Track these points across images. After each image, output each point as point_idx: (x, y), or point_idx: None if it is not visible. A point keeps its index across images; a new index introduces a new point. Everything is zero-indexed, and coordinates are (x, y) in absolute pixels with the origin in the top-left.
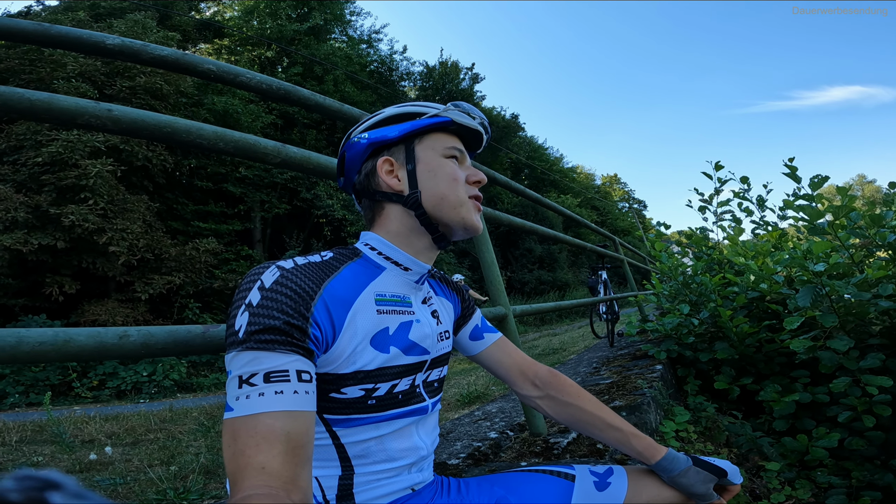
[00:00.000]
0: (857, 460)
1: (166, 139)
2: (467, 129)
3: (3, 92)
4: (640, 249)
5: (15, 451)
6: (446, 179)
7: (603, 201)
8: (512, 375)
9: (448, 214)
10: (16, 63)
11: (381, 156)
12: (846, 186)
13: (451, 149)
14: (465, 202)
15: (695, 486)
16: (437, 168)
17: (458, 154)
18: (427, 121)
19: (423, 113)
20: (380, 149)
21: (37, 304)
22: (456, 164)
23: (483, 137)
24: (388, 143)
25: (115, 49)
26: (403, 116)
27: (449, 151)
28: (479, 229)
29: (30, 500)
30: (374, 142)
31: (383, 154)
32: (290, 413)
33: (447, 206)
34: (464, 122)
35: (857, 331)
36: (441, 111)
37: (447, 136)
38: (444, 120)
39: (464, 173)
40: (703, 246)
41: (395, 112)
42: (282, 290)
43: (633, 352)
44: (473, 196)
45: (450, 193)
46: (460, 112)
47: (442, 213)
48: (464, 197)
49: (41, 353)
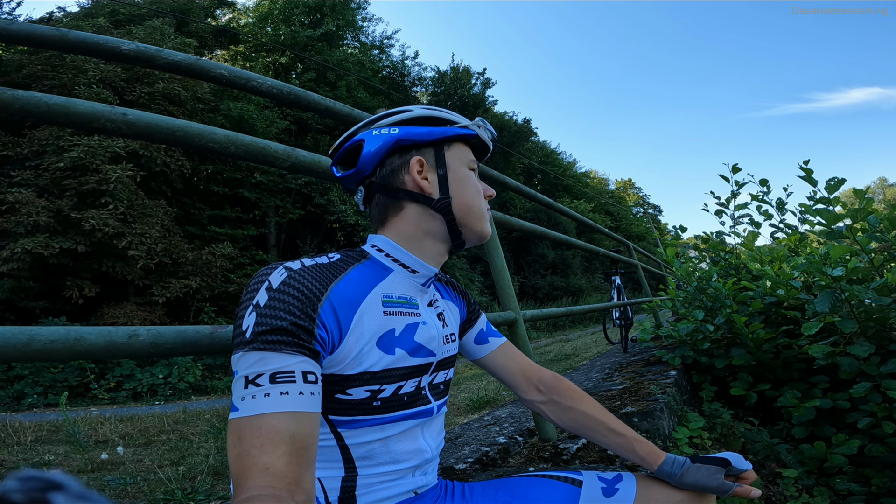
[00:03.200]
0: (877, 467)
1: (179, 143)
2: (481, 144)
3: (22, 96)
4: (655, 255)
5: (29, 451)
6: (473, 191)
7: (617, 206)
8: (516, 380)
9: (473, 224)
10: (38, 69)
11: (409, 154)
12: (864, 189)
13: (473, 161)
14: (485, 214)
15: (703, 481)
16: (466, 178)
17: (476, 168)
18: (459, 130)
19: (454, 122)
20: (408, 147)
21: (57, 307)
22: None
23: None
24: (418, 143)
25: (130, 54)
26: (434, 120)
27: (472, 164)
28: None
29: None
30: (404, 138)
31: (412, 153)
32: (295, 414)
33: (473, 216)
34: (486, 139)
35: (877, 336)
36: (470, 124)
37: (467, 149)
38: (471, 133)
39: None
40: (719, 250)
41: (426, 114)
42: (289, 291)
43: (647, 358)
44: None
45: (475, 205)
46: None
47: (468, 222)
48: (485, 209)
49: (52, 350)
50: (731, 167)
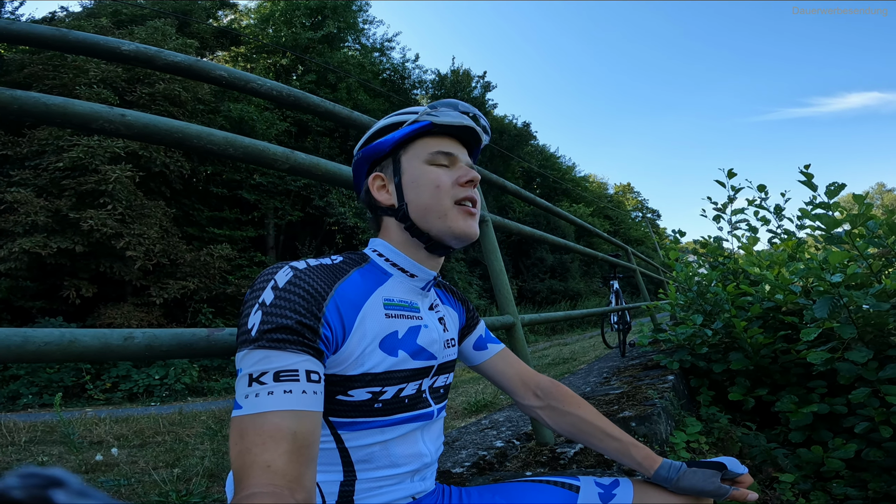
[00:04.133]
0: (875, 471)
1: (177, 144)
2: (457, 127)
3: (21, 97)
4: (653, 259)
5: (23, 451)
6: (428, 188)
7: (616, 210)
8: (513, 385)
9: (435, 225)
10: (40, 69)
11: (374, 171)
12: (863, 195)
13: (436, 154)
14: (448, 210)
15: (700, 485)
16: (420, 177)
17: (446, 157)
18: (406, 129)
19: (405, 121)
20: (371, 164)
21: (54, 307)
22: (441, 169)
23: (477, 132)
24: (378, 157)
25: (130, 55)
26: (390, 127)
27: (433, 157)
28: (472, 236)
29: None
30: (365, 158)
31: (375, 169)
32: (298, 412)
33: (432, 217)
34: (445, 122)
35: (875, 342)
36: (420, 114)
37: (434, 140)
38: (423, 125)
39: (453, 176)
40: (718, 255)
41: (383, 124)
42: (295, 290)
43: (645, 362)
44: (463, 199)
45: (433, 203)
46: (442, 110)
47: (429, 224)
48: (447, 205)
49: (46, 352)
50: (726, 172)
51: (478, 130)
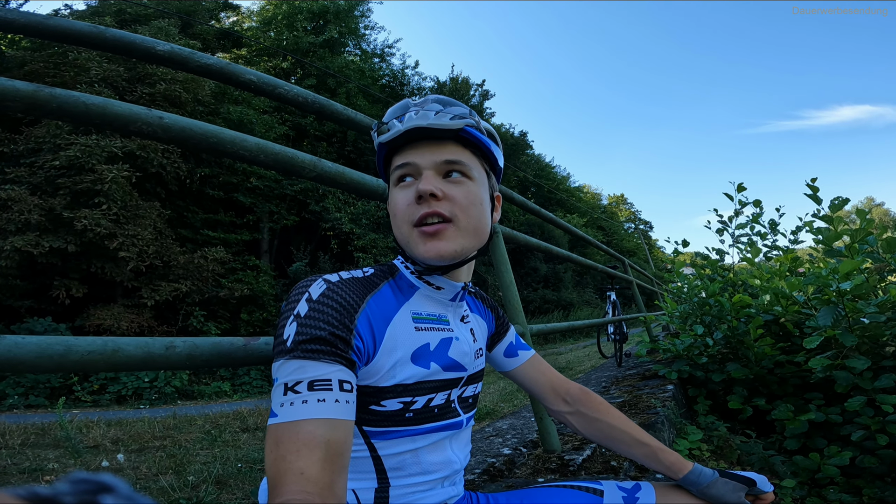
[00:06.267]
0: (869, 478)
1: (211, 149)
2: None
3: (59, 95)
4: (646, 269)
5: (19, 455)
6: (394, 218)
7: (609, 221)
8: (545, 392)
9: (412, 251)
10: (40, 66)
11: None
12: (864, 210)
13: (397, 169)
14: (409, 236)
15: (726, 496)
16: (390, 205)
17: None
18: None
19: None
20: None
21: (43, 307)
22: (403, 188)
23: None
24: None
25: (164, 56)
26: None
27: (396, 176)
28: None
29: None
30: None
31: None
32: (331, 421)
33: (404, 246)
34: (387, 140)
35: (871, 352)
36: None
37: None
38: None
39: (409, 196)
40: (717, 268)
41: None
42: (328, 303)
43: (643, 372)
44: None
45: (398, 234)
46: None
47: (407, 249)
48: (407, 233)
49: (90, 361)
50: (735, 186)
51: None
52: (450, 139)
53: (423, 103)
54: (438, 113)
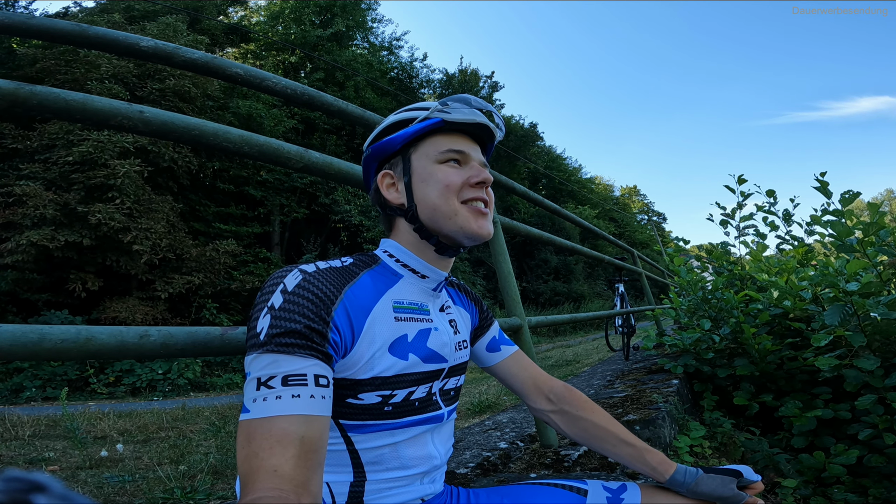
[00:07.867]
0: (875, 477)
1: (194, 141)
2: (470, 124)
3: (40, 92)
4: (658, 263)
5: (27, 446)
6: (437, 188)
7: (621, 213)
8: (526, 389)
9: (445, 225)
10: (52, 63)
11: (383, 168)
12: (877, 202)
13: (448, 151)
14: (458, 211)
15: (718, 490)
16: (429, 177)
17: (458, 155)
18: (417, 127)
19: (415, 118)
20: (381, 162)
21: (60, 300)
22: (452, 167)
23: (491, 128)
24: (388, 155)
25: (148, 51)
26: (400, 124)
27: (444, 156)
28: (485, 235)
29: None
30: (375, 155)
31: (385, 167)
32: (306, 417)
33: (441, 218)
34: (457, 120)
35: (882, 350)
36: (432, 110)
37: (445, 138)
38: (434, 122)
39: (464, 175)
40: (723, 261)
41: (393, 120)
42: (304, 294)
43: (649, 366)
44: (472, 199)
45: (442, 204)
46: (454, 106)
47: (438, 225)
48: (455, 206)
49: (63, 350)
50: (736, 178)
51: (491, 127)
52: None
53: (482, 105)
54: (498, 126)
